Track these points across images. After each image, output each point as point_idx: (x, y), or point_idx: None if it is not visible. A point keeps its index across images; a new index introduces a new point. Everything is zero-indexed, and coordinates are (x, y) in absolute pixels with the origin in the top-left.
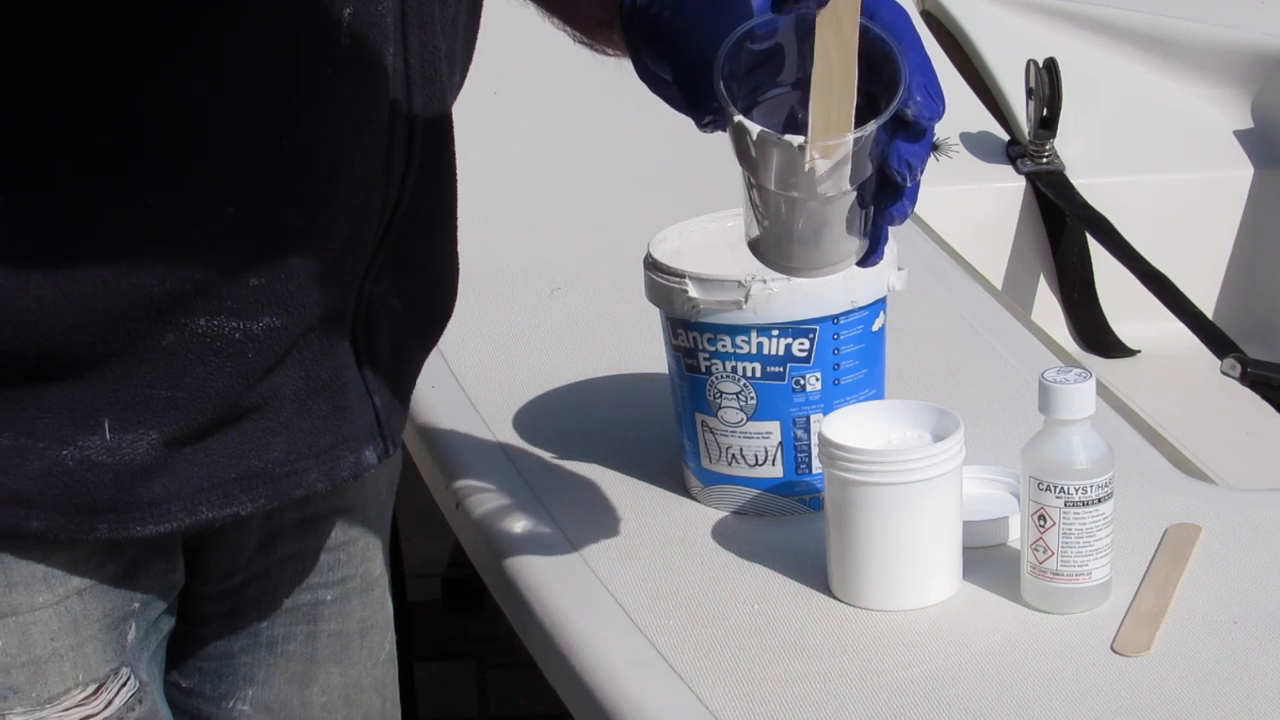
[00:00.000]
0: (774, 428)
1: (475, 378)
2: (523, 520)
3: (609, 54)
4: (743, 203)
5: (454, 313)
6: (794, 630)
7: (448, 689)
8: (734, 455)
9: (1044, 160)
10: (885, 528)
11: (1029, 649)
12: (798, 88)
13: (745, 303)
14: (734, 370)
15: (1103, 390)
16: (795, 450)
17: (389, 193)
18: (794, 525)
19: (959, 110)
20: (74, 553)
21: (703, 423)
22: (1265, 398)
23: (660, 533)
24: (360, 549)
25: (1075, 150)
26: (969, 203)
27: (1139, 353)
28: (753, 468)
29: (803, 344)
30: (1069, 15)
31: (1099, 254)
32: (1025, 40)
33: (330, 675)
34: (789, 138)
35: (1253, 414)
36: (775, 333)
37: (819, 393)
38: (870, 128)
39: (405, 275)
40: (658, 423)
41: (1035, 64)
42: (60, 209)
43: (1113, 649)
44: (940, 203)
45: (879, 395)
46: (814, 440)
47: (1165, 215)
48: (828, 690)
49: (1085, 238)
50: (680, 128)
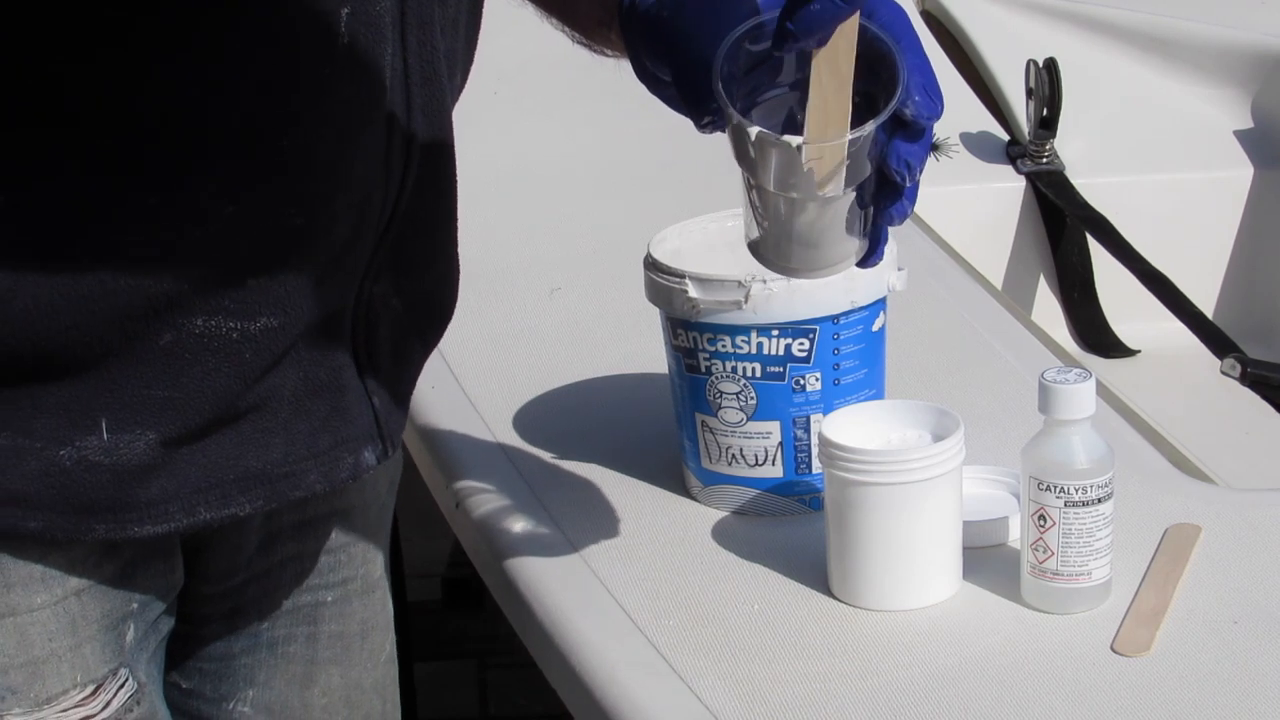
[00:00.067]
0: (774, 428)
1: (475, 378)
2: (523, 520)
3: (608, 54)
4: (742, 203)
5: (454, 313)
6: (794, 630)
7: (448, 689)
8: (734, 455)
9: (1044, 160)
10: (885, 528)
11: (1029, 649)
12: (796, 88)
13: (745, 303)
14: (734, 370)
15: (1103, 390)
16: (795, 450)
17: (388, 192)
18: (794, 525)
19: (959, 110)
20: (72, 553)
21: (703, 423)
22: (1265, 398)
23: (660, 533)
24: (361, 551)
25: (1075, 150)
26: (969, 203)
27: (1139, 353)
28: (753, 468)
29: (803, 344)
30: (1069, 15)
31: (1099, 254)
32: (1025, 40)
33: (331, 676)
34: (788, 138)
35: (1253, 414)
36: (775, 333)
37: (819, 393)
38: (869, 128)
39: (405, 275)
40: (658, 423)
41: (1035, 64)
42: (59, 208)
43: (1113, 649)
44: (940, 203)
45: (879, 395)
46: (814, 440)
47: (1165, 215)
48: (828, 690)
49: (1085, 238)
50: (680, 128)
